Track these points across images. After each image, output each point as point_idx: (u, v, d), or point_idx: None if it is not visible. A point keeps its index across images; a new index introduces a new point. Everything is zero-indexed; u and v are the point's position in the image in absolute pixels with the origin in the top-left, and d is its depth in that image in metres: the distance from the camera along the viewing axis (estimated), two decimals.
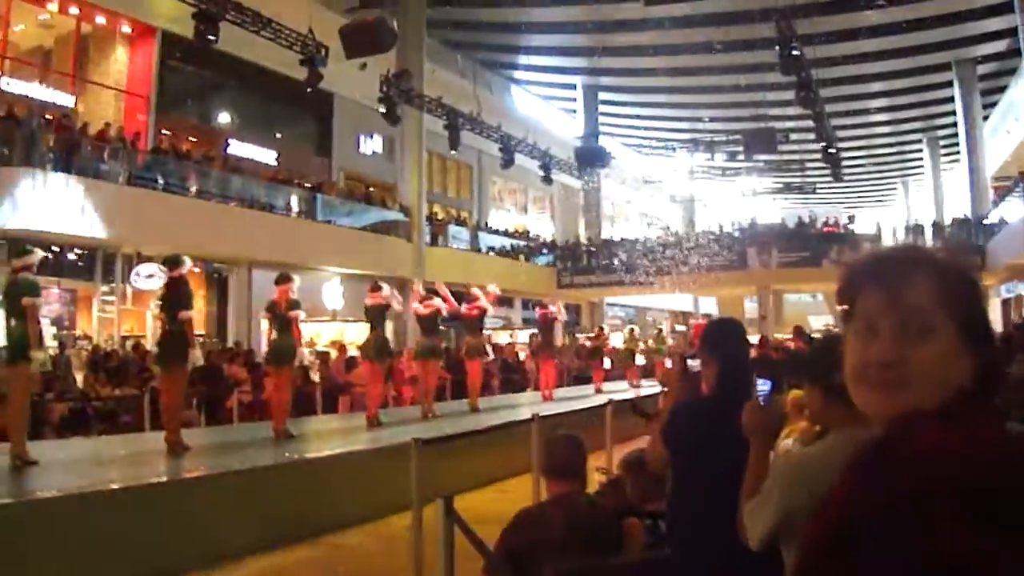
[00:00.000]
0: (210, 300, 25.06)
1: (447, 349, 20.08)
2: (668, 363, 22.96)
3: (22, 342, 9.08)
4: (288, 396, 12.46)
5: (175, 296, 10.86)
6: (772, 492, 2.36)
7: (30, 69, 24.54)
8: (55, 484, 8.08)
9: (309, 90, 22.85)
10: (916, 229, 37.69)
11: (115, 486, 7.97)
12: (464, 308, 17.25)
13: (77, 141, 20.76)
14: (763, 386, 2.93)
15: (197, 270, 22.90)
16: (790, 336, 19.65)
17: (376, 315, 14.39)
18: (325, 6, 26.21)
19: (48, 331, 10.12)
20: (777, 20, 24.46)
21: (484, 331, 18.48)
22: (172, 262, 11.04)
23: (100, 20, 24.98)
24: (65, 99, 24.17)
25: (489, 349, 18.19)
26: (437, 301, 15.99)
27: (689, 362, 4.50)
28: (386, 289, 14.67)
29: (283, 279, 12.35)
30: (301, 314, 12.51)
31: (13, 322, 9.24)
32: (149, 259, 21.78)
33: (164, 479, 8.78)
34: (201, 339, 20.66)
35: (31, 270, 9.49)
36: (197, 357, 11.64)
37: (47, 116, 21.51)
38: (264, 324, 15.53)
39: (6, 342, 9.38)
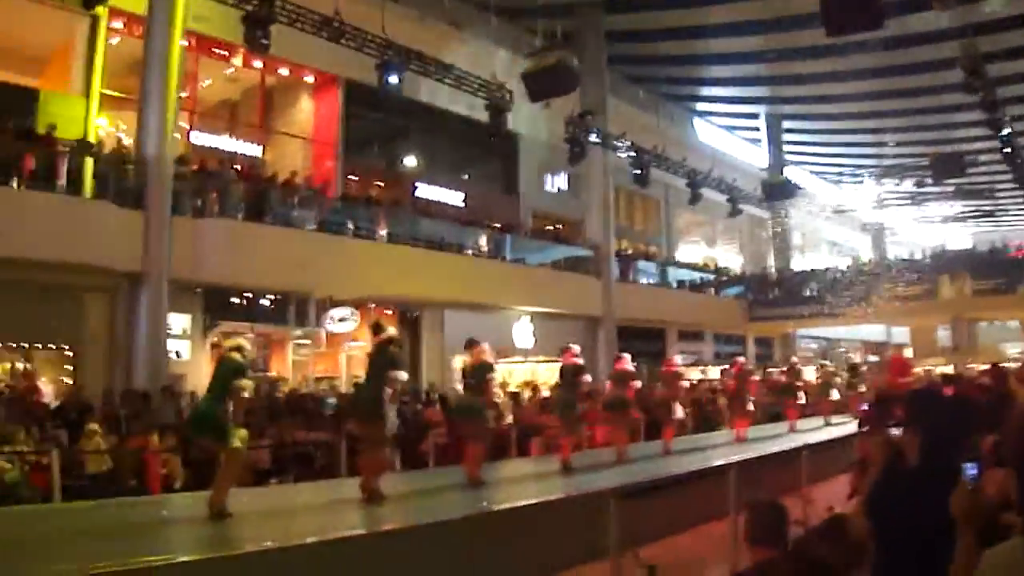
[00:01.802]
0: (403, 341, 25.21)
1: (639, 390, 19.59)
2: (864, 391, 22.44)
3: (222, 423, 9.07)
4: (481, 448, 12.28)
5: (380, 361, 10.80)
6: None
7: (218, 122, 25.30)
8: (252, 535, 8.06)
9: (494, 135, 22.91)
10: None
11: (311, 539, 7.84)
12: None
13: (266, 190, 21.26)
14: (971, 469, 3.06)
15: (389, 312, 23.33)
16: (985, 368, 18.71)
17: (571, 374, 14.24)
18: (507, 49, 26.27)
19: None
20: (960, 39, 23.73)
21: None
22: (376, 328, 11.09)
23: (284, 72, 25.75)
24: (253, 150, 24.94)
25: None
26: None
27: (890, 431, 4.75)
28: (576, 348, 14.58)
29: (470, 344, 12.36)
30: (495, 377, 12.67)
31: (214, 400, 9.23)
32: (342, 303, 22.11)
33: (358, 532, 8.63)
34: None
35: (240, 351, 9.53)
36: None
37: (236, 167, 22.10)
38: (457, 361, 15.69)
39: (202, 416, 9.49)
